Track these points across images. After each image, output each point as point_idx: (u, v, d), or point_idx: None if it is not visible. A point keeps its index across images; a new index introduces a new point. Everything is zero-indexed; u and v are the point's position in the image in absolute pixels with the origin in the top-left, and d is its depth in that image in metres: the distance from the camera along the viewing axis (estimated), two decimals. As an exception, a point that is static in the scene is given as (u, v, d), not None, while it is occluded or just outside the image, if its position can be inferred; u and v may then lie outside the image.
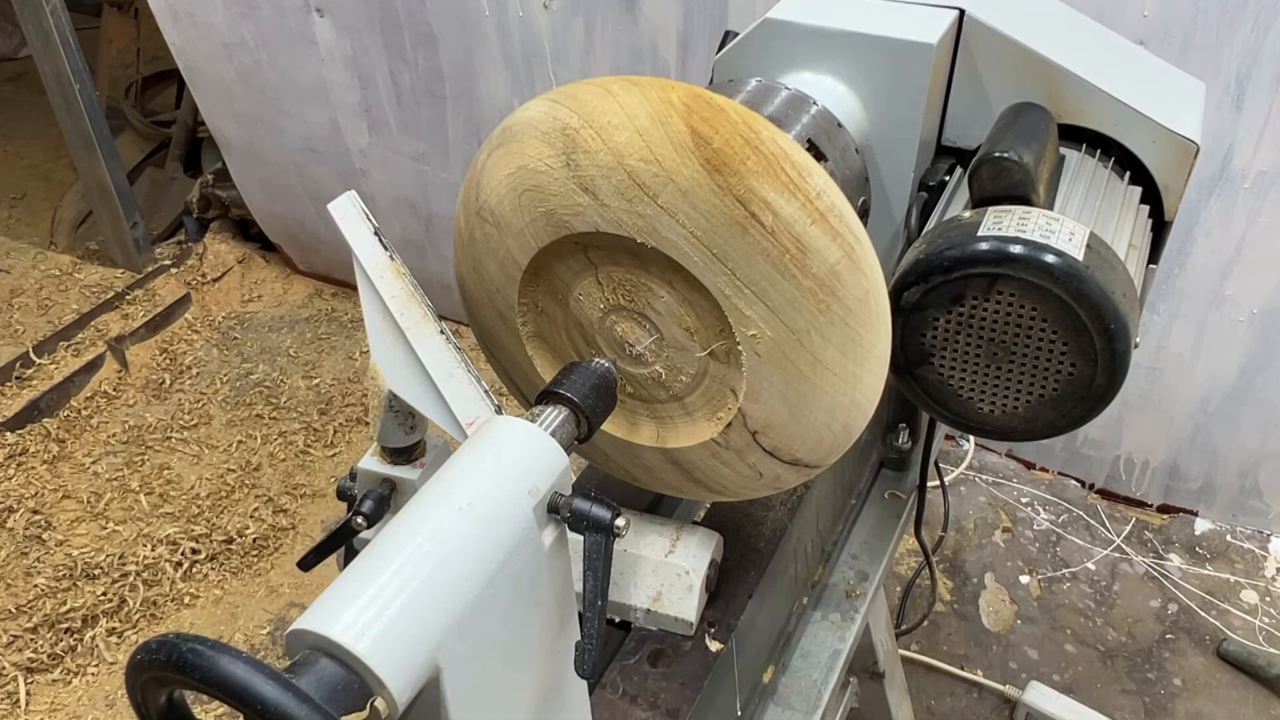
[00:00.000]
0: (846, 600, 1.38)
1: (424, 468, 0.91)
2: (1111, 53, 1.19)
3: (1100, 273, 0.90)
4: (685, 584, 1.04)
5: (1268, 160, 2.14)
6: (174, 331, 3.46)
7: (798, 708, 1.24)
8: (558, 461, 0.76)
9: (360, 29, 2.90)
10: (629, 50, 2.61)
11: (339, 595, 0.64)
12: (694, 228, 0.78)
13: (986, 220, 0.95)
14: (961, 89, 1.13)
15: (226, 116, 3.39)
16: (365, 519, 0.88)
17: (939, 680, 2.38)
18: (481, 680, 0.70)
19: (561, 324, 0.93)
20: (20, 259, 3.67)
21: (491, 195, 0.86)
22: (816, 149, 1.05)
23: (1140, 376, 2.56)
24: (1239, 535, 2.69)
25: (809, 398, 0.84)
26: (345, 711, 0.59)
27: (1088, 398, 0.95)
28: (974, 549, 2.68)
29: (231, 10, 3.04)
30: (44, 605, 2.51)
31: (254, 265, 3.78)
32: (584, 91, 0.81)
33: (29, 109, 4.61)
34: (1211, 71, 2.07)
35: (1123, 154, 1.11)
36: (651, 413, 0.94)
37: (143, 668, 0.57)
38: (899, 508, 1.54)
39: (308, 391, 3.24)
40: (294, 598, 2.60)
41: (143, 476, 2.90)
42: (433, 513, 0.69)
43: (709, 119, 0.77)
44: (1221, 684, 2.35)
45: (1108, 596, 2.55)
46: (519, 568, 0.71)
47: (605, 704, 1.01)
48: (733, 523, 1.18)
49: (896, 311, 0.95)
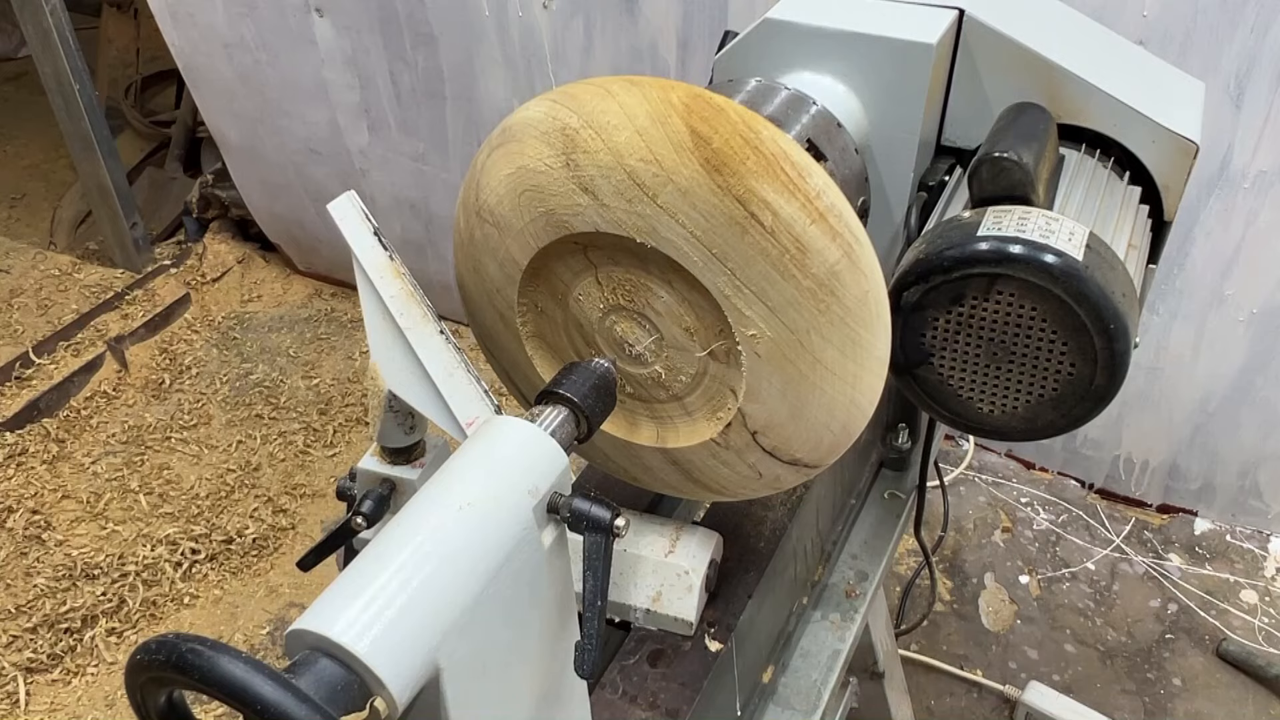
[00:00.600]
0: (846, 600, 1.38)
1: (424, 468, 0.91)
2: (1111, 53, 1.19)
3: (1100, 273, 0.90)
4: (685, 584, 1.04)
5: (1267, 160, 2.14)
6: (173, 331, 3.46)
7: (797, 708, 1.24)
8: (557, 461, 0.76)
9: (360, 29, 2.90)
10: (629, 50, 2.61)
11: (339, 595, 0.64)
12: (694, 227, 0.78)
13: (986, 220, 0.95)
14: (961, 89, 1.13)
15: (226, 116, 3.39)
16: (365, 519, 0.88)
17: (939, 680, 2.38)
18: (481, 680, 0.70)
19: (561, 324, 0.93)
20: (20, 259, 3.67)
21: (491, 195, 0.86)
22: (816, 149, 1.05)
23: (1140, 376, 2.56)
24: (1238, 535, 2.69)
25: (809, 398, 0.84)
26: (345, 711, 0.59)
27: (1087, 398, 0.95)
28: (974, 549, 2.68)
29: (231, 10, 3.04)
30: (44, 605, 2.51)
31: (254, 265, 3.78)
32: (584, 91, 0.81)
33: (29, 109, 4.61)
34: (1211, 71, 2.07)
35: (1122, 154, 1.11)
36: (651, 413, 0.94)
37: (142, 668, 0.57)
38: (899, 508, 1.54)
39: (307, 391, 3.24)
40: (294, 598, 2.60)
41: (142, 476, 2.90)
42: (433, 513, 0.70)
43: (709, 119, 0.77)
44: (1221, 684, 2.35)
45: (1107, 596, 2.55)
46: (519, 568, 0.71)
47: (605, 704, 1.01)
48: (733, 523, 1.18)
49: (896, 311, 0.95)
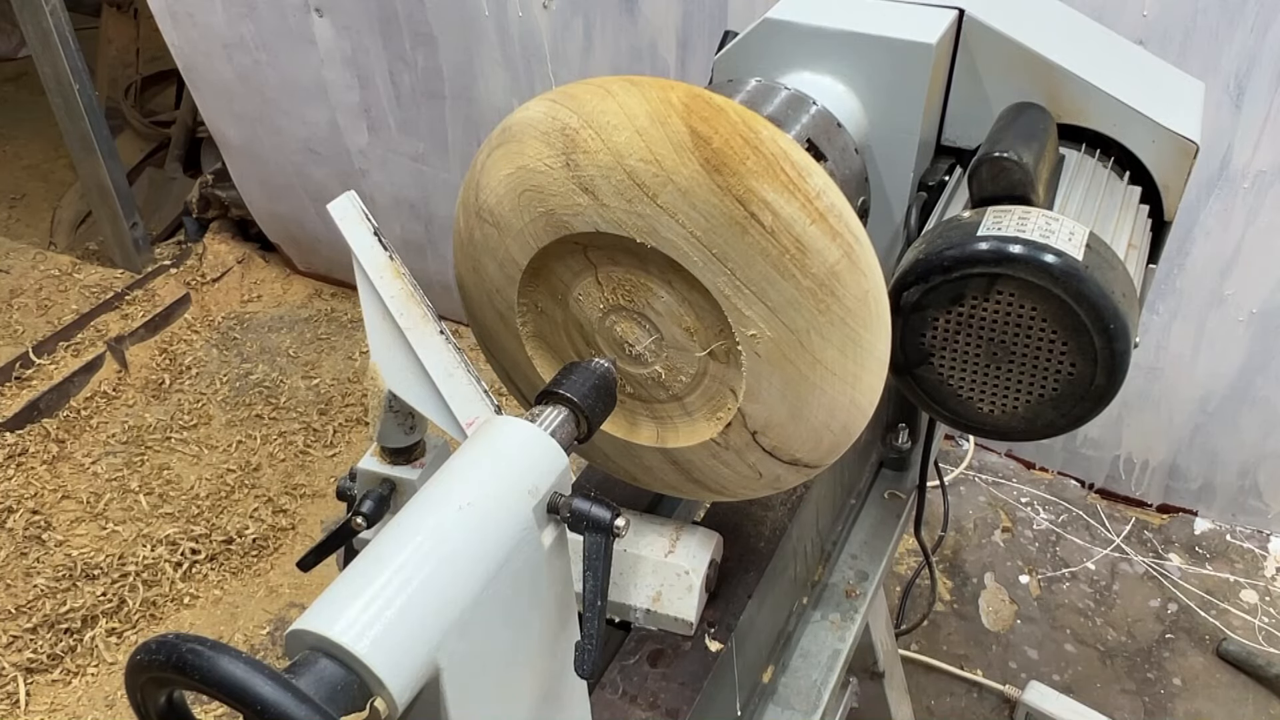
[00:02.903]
0: (846, 600, 1.38)
1: (424, 468, 0.91)
2: (1111, 53, 1.19)
3: (1100, 272, 0.90)
4: (685, 584, 1.04)
5: (1267, 160, 2.14)
6: (173, 332, 3.46)
7: (797, 708, 1.24)
8: (557, 461, 0.76)
9: (360, 29, 2.90)
10: (628, 50, 2.61)
11: (339, 595, 0.64)
12: (693, 228, 0.78)
13: (986, 220, 0.95)
14: (961, 89, 1.13)
15: (226, 116, 3.39)
16: (365, 519, 0.88)
17: (939, 680, 2.38)
18: (481, 680, 0.70)
19: (561, 324, 0.93)
20: (20, 259, 3.67)
21: (491, 195, 0.86)
22: (816, 149, 1.05)
23: (1140, 376, 2.56)
24: (1238, 535, 2.69)
25: (808, 398, 0.84)
26: (345, 712, 0.59)
27: (1087, 397, 0.95)
28: (974, 549, 2.68)
29: (231, 10, 3.04)
30: (44, 605, 2.51)
31: (253, 265, 3.78)
32: (583, 91, 0.81)
33: (29, 109, 4.60)
34: (1211, 71, 2.07)
35: (1122, 154, 1.11)
36: (651, 413, 0.94)
37: (143, 668, 0.57)
38: (899, 507, 1.54)
39: (307, 391, 3.24)
40: (294, 598, 2.60)
41: (142, 477, 2.90)
42: (433, 513, 0.69)
43: (708, 119, 0.77)
44: (1221, 684, 2.35)
45: (1107, 596, 2.55)
46: (519, 568, 0.71)
47: (605, 704, 1.00)
48: (733, 523, 1.18)
49: (896, 311, 0.95)
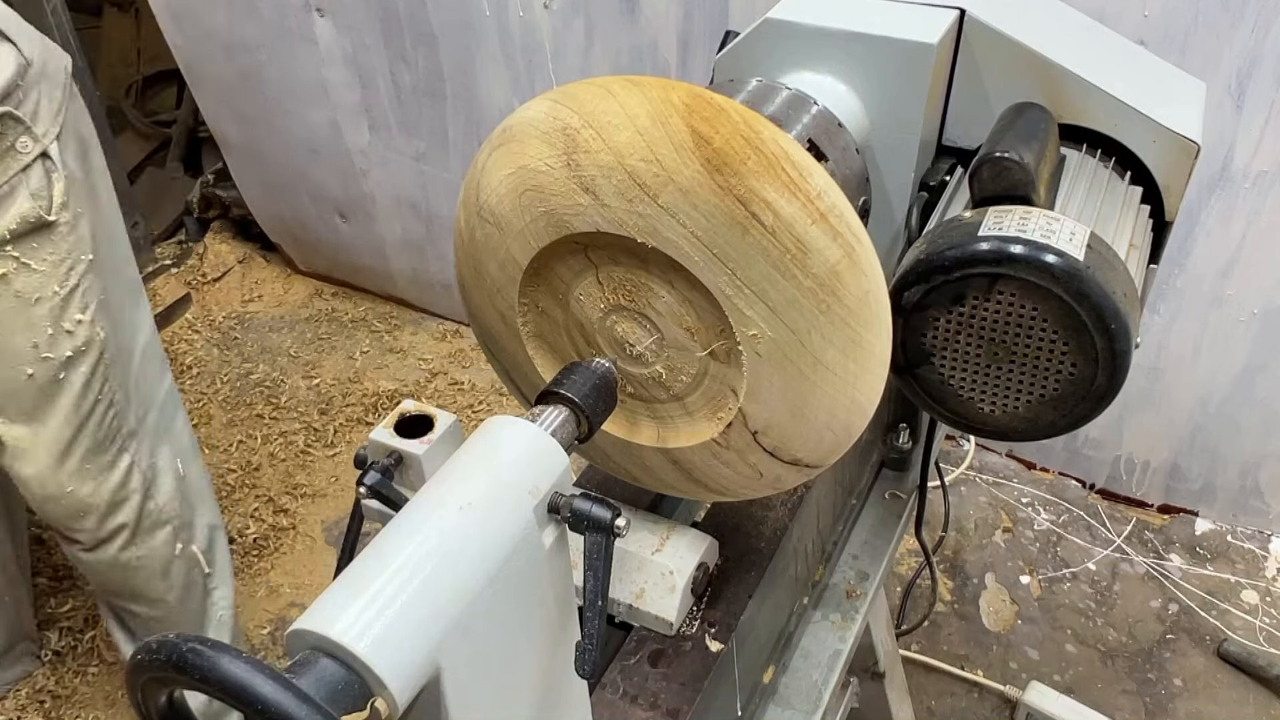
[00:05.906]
0: (847, 600, 1.38)
1: (431, 444, 0.90)
2: (1112, 53, 1.19)
3: (1101, 273, 0.90)
4: (668, 584, 1.04)
5: (1268, 160, 2.14)
6: (174, 331, 3.46)
7: (798, 708, 1.24)
8: (558, 461, 0.76)
9: (360, 29, 2.90)
10: (629, 50, 2.61)
11: (339, 595, 0.64)
12: (694, 227, 0.78)
13: (987, 220, 0.95)
14: (962, 89, 1.13)
15: (227, 116, 3.39)
16: (367, 490, 0.87)
17: (939, 680, 2.38)
18: (481, 680, 0.70)
19: (562, 324, 0.93)
20: (20, 259, 3.66)
21: (491, 195, 0.86)
22: (817, 149, 1.05)
23: (1141, 376, 2.56)
24: (1239, 535, 2.69)
25: (809, 398, 0.84)
26: (345, 711, 0.59)
27: (1088, 398, 0.95)
28: (974, 549, 2.68)
29: (232, 10, 3.04)
30: (44, 605, 2.51)
31: (254, 265, 3.77)
32: (584, 91, 0.81)
33: (29, 109, 4.60)
34: (1212, 71, 2.07)
35: (1123, 154, 1.11)
36: (652, 413, 0.94)
37: (143, 668, 0.57)
38: (899, 508, 1.54)
39: (308, 391, 3.24)
40: (294, 598, 2.60)
41: (143, 476, 2.90)
42: (433, 513, 0.69)
43: (710, 119, 0.77)
44: (1222, 684, 2.35)
45: (1108, 597, 2.55)
46: (519, 568, 0.71)
47: (605, 704, 1.00)
48: (733, 523, 1.18)
49: (897, 311, 0.95)
